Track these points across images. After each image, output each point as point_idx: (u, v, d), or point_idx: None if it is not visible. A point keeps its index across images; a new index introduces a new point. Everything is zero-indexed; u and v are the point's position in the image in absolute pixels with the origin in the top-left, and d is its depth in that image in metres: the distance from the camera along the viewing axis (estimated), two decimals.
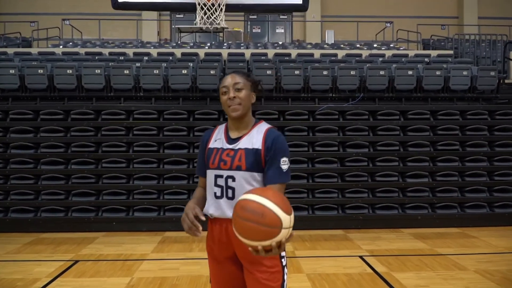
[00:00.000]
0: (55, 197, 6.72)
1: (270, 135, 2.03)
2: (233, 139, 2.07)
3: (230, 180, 1.99)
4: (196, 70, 7.51)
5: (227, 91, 2.03)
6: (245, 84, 2.07)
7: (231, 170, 1.99)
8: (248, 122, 2.09)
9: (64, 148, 6.97)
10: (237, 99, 2.02)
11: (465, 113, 7.56)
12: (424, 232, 6.59)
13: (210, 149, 2.08)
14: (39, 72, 7.27)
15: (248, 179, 1.99)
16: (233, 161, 2.00)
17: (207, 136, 2.16)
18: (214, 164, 2.03)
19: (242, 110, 2.03)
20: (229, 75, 2.10)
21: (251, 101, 2.10)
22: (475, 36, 11.60)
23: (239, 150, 2.01)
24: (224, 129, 2.14)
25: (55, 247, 5.80)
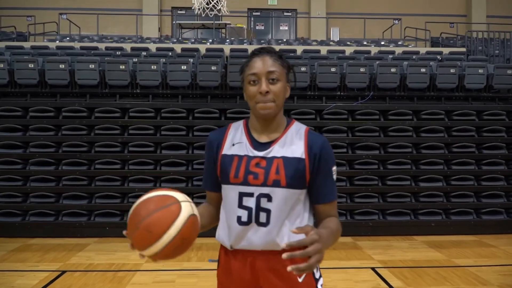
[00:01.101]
0: (45, 200, 6.32)
1: (315, 140, 1.57)
2: (262, 143, 1.59)
3: (265, 200, 1.51)
4: (197, 66, 7.09)
5: (256, 80, 1.52)
6: (281, 73, 1.55)
7: (267, 187, 1.51)
8: (280, 122, 1.61)
9: (55, 148, 6.56)
10: (270, 94, 1.52)
11: (481, 113, 7.13)
12: (438, 240, 6.19)
13: (226, 156, 1.58)
14: (29, 66, 6.85)
15: (289, 198, 1.52)
16: (268, 174, 1.51)
17: (217, 138, 1.65)
18: (238, 178, 1.54)
19: (275, 109, 1.54)
20: (259, 57, 1.56)
21: (285, 96, 1.60)
22: (488, 34, 11.16)
23: (274, 159, 1.54)
24: (244, 129, 1.64)
25: (42, 255, 5.39)
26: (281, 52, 1.60)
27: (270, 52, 1.58)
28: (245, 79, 1.58)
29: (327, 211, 1.60)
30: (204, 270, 4.85)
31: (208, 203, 1.72)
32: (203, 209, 1.66)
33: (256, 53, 1.59)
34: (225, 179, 1.58)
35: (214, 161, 1.64)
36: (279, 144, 1.57)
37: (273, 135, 1.59)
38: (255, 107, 1.54)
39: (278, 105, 1.54)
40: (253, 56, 1.58)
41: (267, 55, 1.55)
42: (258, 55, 1.57)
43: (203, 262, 5.15)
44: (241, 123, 1.68)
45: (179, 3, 16.72)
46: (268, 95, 1.51)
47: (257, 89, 1.51)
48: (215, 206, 1.70)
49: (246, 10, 16.64)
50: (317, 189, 1.56)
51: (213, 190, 1.69)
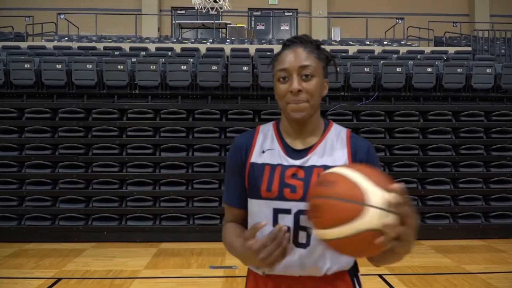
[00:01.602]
0: (41, 203, 6.14)
1: (359, 145, 1.37)
2: (297, 150, 1.36)
3: (305, 218, 1.26)
4: (197, 66, 6.91)
5: (287, 77, 1.30)
6: (317, 68, 1.31)
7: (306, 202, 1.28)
8: (317, 125, 1.38)
9: (51, 150, 6.37)
10: (303, 93, 1.29)
11: (490, 114, 6.94)
12: (446, 244, 6.00)
13: (255, 165, 1.36)
14: (25, 66, 6.66)
15: None
16: (307, 186, 1.28)
17: (245, 143, 1.41)
18: (272, 192, 1.31)
19: (310, 110, 1.31)
20: (291, 50, 1.32)
21: (322, 94, 1.37)
22: (494, 33, 10.97)
23: (313, 169, 1.31)
24: (275, 133, 1.41)
25: (37, 261, 5.20)
26: (319, 41, 1.37)
27: (305, 42, 1.33)
28: (274, 76, 1.35)
29: None
30: (205, 278, 4.67)
31: (233, 224, 1.45)
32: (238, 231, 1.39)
33: (287, 44, 1.35)
34: (255, 193, 1.35)
35: (241, 170, 1.40)
36: (318, 151, 1.35)
37: (310, 140, 1.37)
38: (286, 109, 1.31)
39: (313, 105, 1.31)
40: (284, 48, 1.35)
41: (300, 47, 1.32)
42: (289, 47, 1.33)
43: (204, 268, 4.97)
44: (270, 126, 1.44)
45: (179, 3, 16.55)
46: (301, 94, 1.28)
47: (288, 87, 1.29)
48: (244, 225, 1.46)
49: (246, 10, 16.47)
50: None
51: (240, 206, 1.43)
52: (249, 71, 6.80)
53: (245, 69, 6.79)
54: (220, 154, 6.44)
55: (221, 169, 6.37)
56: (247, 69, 6.79)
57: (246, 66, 6.80)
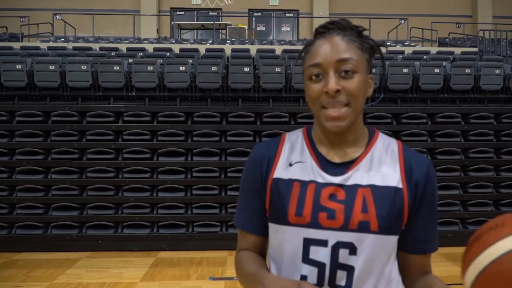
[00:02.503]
0: (32, 211, 5.89)
1: (416, 162, 1.08)
2: (335, 164, 1.08)
3: (346, 253, 1.00)
4: (196, 67, 6.66)
5: (321, 74, 1.02)
6: (360, 61, 1.03)
7: (349, 231, 1.01)
8: (360, 133, 1.11)
9: (44, 155, 6.12)
10: (343, 94, 1.01)
11: (499, 116, 6.69)
12: (455, 252, 5.74)
13: (280, 182, 1.08)
14: (17, 67, 6.41)
15: (382, 250, 1.03)
16: (350, 211, 1.01)
17: (267, 153, 1.13)
18: (304, 217, 1.03)
19: (351, 117, 1.03)
20: (325, 39, 1.04)
21: (367, 95, 1.08)
22: (500, 34, 10.74)
23: (357, 189, 1.04)
24: (306, 142, 1.13)
25: (27, 273, 4.94)
26: (361, 27, 1.08)
27: (343, 29, 1.05)
28: (304, 73, 1.07)
29: (423, 264, 1.12)
30: None
31: (249, 253, 1.17)
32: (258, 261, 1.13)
33: (320, 31, 1.06)
34: (279, 217, 1.07)
35: (260, 188, 1.12)
36: (362, 166, 1.07)
37: (352, 152, 1.09)
38: (320, 115, 1.04)
39: (355, 109, 1.03)
40: (317, 36, 1.07)
41: (338, 34, 1.04)
42: (323, 35, 1.05)
43: (204, 280, 4.71)
44: (299, 134, 1.16)
45: (178, 4, 16.32)
46: (339, 95, 1.01)
47: (322, 87, 1.02)
48: (262, 255, 1.19)
49: (247, 11, 16.23)
50: (415, 233, 1.08)
51: (257, 232, 1.15)
52: (250, 72, 6.55)
53: (246, 70, 6.53)
54: (220, 158, 6.18)
55: (222, 175, 6.11)
56: (248, 70, 6.54)
57: (247, 67, 6.55)
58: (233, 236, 5.94)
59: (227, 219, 5.97)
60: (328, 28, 1.06)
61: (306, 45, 1.10)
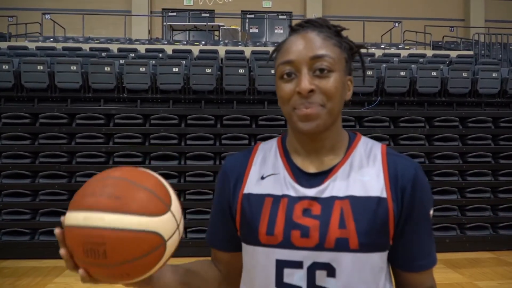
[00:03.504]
0: (19, 217, 5.67)
1: (401, 166, 0.95)
2: (311, 175, 0.96)
3: (323, 275, 0.89)
4: (190, 69, 6.50)
5: (293, 72, 0.92)
6: (337, 59, 0.93)
7: (325, 251, 0.89)
8: (338, 139, 0.99)
9: (31, 159, 5.90)
10: (317, 94, 0.90)
11: (497, 120, 6.62)
12: (454, 258, 5.68)
13: (251, 197, 0.97)
14: (3, 68, 6.19)
15: (365, 269, 0.90)
16: (325, 228, 0.90)
17: (237, 166, 1.03)
18: (275, 236, 0.92)
19: (326, 118, 0.92)
20: (299, 34, 0.94)
21: (345, 98, 0.98)
22: (495, 37, 10.74)
23: (334, 201, 0.92)
24: (280, 152, 1.02)
25: (14, 281, 4.73)
26: (339, 26, 0.98)
27: (319, 26, 0.96)
28: (276, 71, 0.96)
29: (421, 282, 0.99)
30: None
31: (211, 262, 1.11)
32: (200, 267, 1.06)
33: (295, 28, 0.97)
34: (250, 236, 0.96)
35: (230, 204, 1.02)
36: (340, 175, 0.94)
37: (329, 161, 0.97)
38: (292, 116, 0.93)
39: (331, 111, 0.91)
40: (292, 33, 0.97)
41: (314, 31, 0.94)
42: (298, 31, 0.95)
43: None
44: (273, 143, 1.05)
45: (170, 5, 16.16)
46: (313, 96, 0.89)
47: (294, 87, 0.91)
48: (224, 271, 1.09)
49: (239, 12, 16.12)
50: (407, 248, 0.95)
51: (224, 248, 1.07)
52: (246, 74, 6.40)
53: (241, 72, 6.39)
54: (214, 162, 6.02)
55: (216, 179, 5.94)
56: (243, 72, 6.39)
57: (242, 68, 6.40)
58: None
59: None
60: (303, 26, 0.96)
61: (279, 43, 0.99)
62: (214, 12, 16.07)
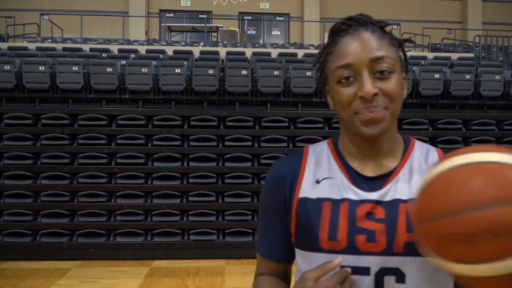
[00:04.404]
0: (21, 218, 5.61)
1: None
2: (370, 178, 0.93)
3: (391, 280, 0.86)
4: (192, 70, 6.45)
5: (352, 76, 0.88)
6: (395, 59, 0.89)
7: (394, 255, 0.86)
8: (395, 141, 0.96)
9: (33, 160, 5.84)
10: (380, 97, 0.87)
11: (501, 122, 6.62)
12: None
13: (308, 202, 0.93)
14: (5, 68, 6.13)
15: (433, 275, 0.86)
16: (393, 232, 0.86)
17: (290, 171, 0.99)
18: (338, 241, 0.88)
19: (389, 121, 0.89)
20: (352, 36, 0.90)
21: (403, 97, 0.93)
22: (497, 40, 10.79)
23: (398, 204, 0.88)
24: (334, 155, 0.98)
25: (16, 283, 4.68)
26: (383, 21, 0.94)
27: (365, 23, 0.92)
28: (329, 76, 0.92)
29: None
30: None
31: (272, 277, 1.04)
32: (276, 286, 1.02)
33: (343, 27, 0.93)
34: (308, 242, 0.92)
35: (284, 210, 0.97)
36: (401, 178, 0.92)
37: (387, 163, 0.94)
38: (353, 121, 0.89)
39: (393, 113, 0.89)
40: (341, 33, 0.92)
41: (366, 30, 0.90)
42: (349, 32, 0.91)
43: None
44: (324, 146, 1.01)
45: (167, 6, 16.10)
46: (376, 99, 0.86)
47: (355, 90, 0.87)
48: (284, 280, 1.05)
49: (237, 14, 16.10)
50: None
51: (279, 260, 1.02)
52: (248, 76, 6.37)
53: (244, 73, 6.35)
54: (217, 164, 5.98)
55: (219, 181, 5.91)
56: (246, 73, 6.35)
57: (245, 70, 6.36)
58: (230, 245, 5.75)
59: (224, 227, 5.77)
60: (348, 25, 0.92)
61: (327, 44, 0.95)
62: (212, 13, 16.03)
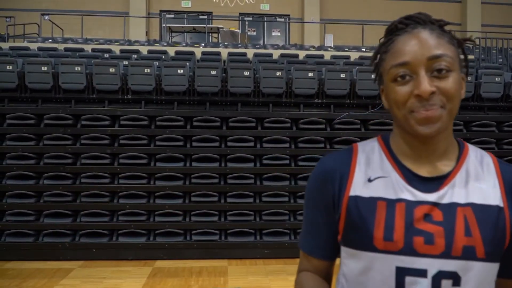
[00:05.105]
0: (23, 218, 5.61)
1: None
2: (426, 179, 0.92)
3: (449, 284, 0.86)
4: (194, 70, 6.47)
5: (408, 74, 0.88)
6: (454, 58, 0.88)
7: (452, 259, 0.86)
8: (450, 143, 0.95)
9: (35, 160, 5.84)
10: (437, 96, 0.86)
11: (501, 124, 6.65)
12: None
13: (360, 200, 0.92)
14: (7, 68, 6.13)
15: (488, 279, 0.89)
16: (451, 235, 0.87)
17: (339, 167, 0.98)
18: (395, 242, 0.87)
19: (446, 120, 0.88)
20: (410, 34, 0.90)
21: (461, 96, 0.92)
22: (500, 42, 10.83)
23: (456, 207, 0.89)
24: (386, 154, 0.97)
25: (19, 283, 4.68)
26: (443, 20, 0.93)
27: (423, 22, 0.91)
28: (385, 74, 0.93)
29: None
30: None
31: (314, 275, 1.04)
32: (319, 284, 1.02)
33: (400, 26, 0.93)
34: (360, 241, 0.92)
35: (331, 207, 0.97)
36: (459, 182, 0.92)
37: (442, 166, 0.94)
38: (409, 120, 0.88)
39: (450, 112, 0.88)
40: (398, 31, 0.93)
41: (424, 29, 0.90)
42: (406, 30, 0.91)
43: None
44: (375, 144, 1.01)
45: (168, 6, 16.11)
46: (433, 97, 0.86)
47: (411, 89, 0.87)
48: (325, 279, 1.06)
49: (237, 15, 16.11)
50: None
51: (324, 257, 1.02)
52: (251, 76, 6.39)
53: (246, 74, 6.37)
54: (220, 164, 5.99)
55: (221, 181, 5.92)
56: (248, 74, 6.37)
57: (247, 71, 6.38)
58: (232, 245, 5.76)
59: (226, 227, 5.78)
60: (406, 24, 0.92)
61: (384, 43, 0.95)
62: (212, 14, 16.05)
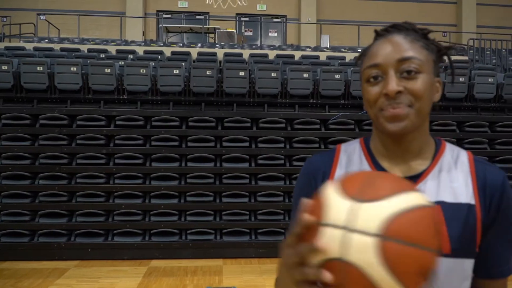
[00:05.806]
0: (19, 218, 5.62)
1: (490, 175, 0.95)
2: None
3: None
4: (190, 71, 6.50)
5: (380, 75, 0.92)
6: (425, 61, 0.92)
7: None
8: (425, 143, 0.99)
9: (31, 160, 5.85)
10: (404, 95, 0.90)
11: (494, 124, 6.71)
12: None
13: None
14: (3, 68, 6.15)
15: (455, 276, 0.92)
16: None
17: (322, 167, 1.03)
18: None
19: (414, 119, 0.91)
20: (385, 38, 0.95)
21: (434, 99, 0.97)
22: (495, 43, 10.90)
23: None
24: (365, 155, 1.02)
25: (15, 283, 4.69)
26: (426, 29, 0.98)
27: (405, 29, 0.96)
28: (361, 76, 0.97)
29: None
30: None
31: None
32: None
33: (381, 33, 0.98)
34: None
35: None
36: (430, 181, 0.95)
37: (417, 165, 0.97)
38: (379, 117, 0.92)
39: (419, 112, 0.91)
40: (378, 37, 0.97)
41: (400, 34, 0.94)
42: (384, 36, 0.96)
43: None
44: (356, 145, 1.05)
45: (164, 7, 16.13)
46: (400, 96, 0.89)
47: (381, 89, 0.91)
48: None
49: (234, 15, 16.15)
50: (489, 255, 0.96)
51: None
52: (246, 77, 6.43)
53: (242, 75, 6.41)
54: (215, 164, 6.02)
55: (216, 181, 5.96)
56: (243, 75, 6.41)
57: (243, 71, 6.42)
58: (228, 244, 5.79)
59: (221, 227, 5.81)
60: (388, 31, 0.97)
61: (365, 48, 1.00)
62: (209, 14, 16.08)
